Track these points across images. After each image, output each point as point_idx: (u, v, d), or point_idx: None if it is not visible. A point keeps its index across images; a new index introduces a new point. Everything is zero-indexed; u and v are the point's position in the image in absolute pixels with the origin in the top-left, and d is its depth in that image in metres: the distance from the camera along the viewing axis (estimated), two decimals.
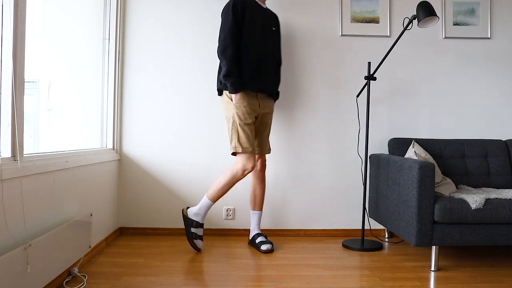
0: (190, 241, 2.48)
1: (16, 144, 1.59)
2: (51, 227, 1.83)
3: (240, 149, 2.41)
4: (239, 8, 2.42)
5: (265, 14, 2.57)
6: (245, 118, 2.43)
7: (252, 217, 2.67)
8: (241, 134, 2.42)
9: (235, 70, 2.39)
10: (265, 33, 2.52)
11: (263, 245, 2.52)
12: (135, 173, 2.90)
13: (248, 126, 2.43)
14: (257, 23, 2.47)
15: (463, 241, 2.21)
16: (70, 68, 2.65)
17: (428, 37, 3.00)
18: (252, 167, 2.42)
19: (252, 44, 2.44)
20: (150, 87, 2.90)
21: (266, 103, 2.57)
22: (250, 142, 2.42)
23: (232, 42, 2.39)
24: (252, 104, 2.46)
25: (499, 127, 3.03)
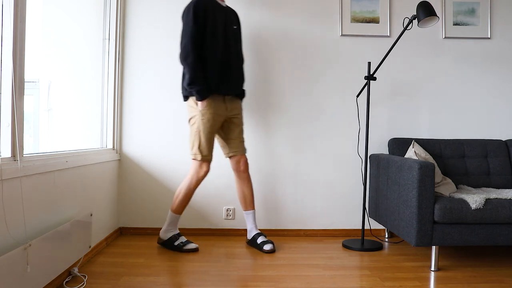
0: (183, 250, 2.49)
1: (16, 144, 1.59)
2: (51, 227, 1.83)
3: (200, 156, 2.43)
4: (201, 11, 2.35)
5: (226, 13, 2.50)
6: (210, 125, 2.41)
7: (247, 217, 2.64)
8: (203, 142, 2.42)
9: (200, 76, 2.34)
10: (227, 33, 2.47)
11: (266, 245, 2.51)
12: (135, 173, 2.90)
13: (211, 133, 2.43)
14: (219, 24, 2.42)
15: (463, 241, 2.21)
16: (70, 68, 2.65)
17: (428, 37, 3.00)
18: (206, 172, 2.46)
19: (216, 46, 2.39)
20: (150, 87, 2.90)
21: (234, 105, 2.54)
22: (210, 150, 2.45)
23: (194, 48, 2.33)
24: (219, 109, 2.44)
25: (499, 127, 3.03)
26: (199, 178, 2.48)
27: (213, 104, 2.41)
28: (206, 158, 2.45)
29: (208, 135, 2.43)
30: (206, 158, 2.45)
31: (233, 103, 2.55)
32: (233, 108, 2.54)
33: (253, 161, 2.93)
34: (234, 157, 2.56)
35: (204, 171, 2.47)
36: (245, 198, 2.61)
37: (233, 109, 2.54)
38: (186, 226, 2.91)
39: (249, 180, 2.61)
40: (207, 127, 2.41)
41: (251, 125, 2.92)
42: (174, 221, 2.55)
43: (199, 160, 2.44)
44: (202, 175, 2.47)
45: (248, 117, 2.91)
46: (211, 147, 2.45)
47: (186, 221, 2.92)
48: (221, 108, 2.46)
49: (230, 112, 2.52)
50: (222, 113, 2.47)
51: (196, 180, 2.48)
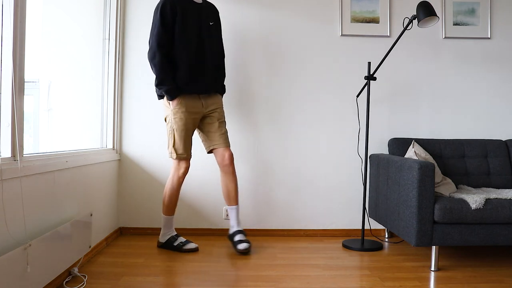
0: (183, 250, 2.50)
1: (16, 144, 1.59)
2: (51, 227, 1.83)
3: (175, 155, 2.43)
4: (168, 10, 2.33)
5: (201, 10, 2.46)
6: (182, 124, 2.39)
7: (230, 213, 2.57)
8: (177, 141, 2.41)
9: (168, 76, 2.34)
10: (201, 30, 2.43)
11: (240, 244, 2.45)
12: (135, 173, 2.90)
13: (185, 132, 2.41)
14: (190, 22, 2.38)
15: (463, 241, 2.21)
16: (70, 68, 2.65)
17: (428, 37, 3.00)
18: (186, 168, 2.46)
19: (186, 45, 2.37)
20: (150, 87, 2.90)
21: (211, 100, 2.51)
22: (185, 148, 2.43)
23: (160, 48, 2.32)
24: (193, 107, 2.42)
25: (499, 127, 3.03)
26: (180, 177, 2.48)
27: (184, 102, 2.39)
28: (181, 156, 2.43)
29: (182, 133, 2.41)
30: (182, 156, 2.43)
31: (211, 99, 2.51)
32: (211, 103, 2.50)
33: (253, 161, 2.93)
34: (217, 150, 2.51)
35: (183, 168, 2.46)
36: (228, 193, 2.54)
37: (210, 104, 2.50)
38: (186, 226, 2.91)
39: (234, 174, 2.54)
40: (179, 125, 2.40)
41: (251, 125, 2.92)
42: (168, 224, 2.56)
43: (175, 158, 2.44)
44: (182, 172, 2.47)
45: (247, 116, 2.91)
46: (186, 145, 2.43)
47: (186, 221, 2.92)
48: (196, 106, 2.44)
49: (207, 108, 2.49)
50: (197, 110, 2.45)
51: (177, 179, 2.48)
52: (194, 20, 2.41)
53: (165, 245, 2.54)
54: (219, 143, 2.50)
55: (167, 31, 2.34)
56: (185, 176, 2.50)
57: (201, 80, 2.44)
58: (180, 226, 2.91)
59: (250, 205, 2.94)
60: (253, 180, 2.93)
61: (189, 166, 2.49)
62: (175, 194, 2.52)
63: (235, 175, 2.55)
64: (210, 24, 2.50)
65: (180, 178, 2.49)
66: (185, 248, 2.49)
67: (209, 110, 2.50)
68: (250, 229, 2.93)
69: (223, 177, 2.55)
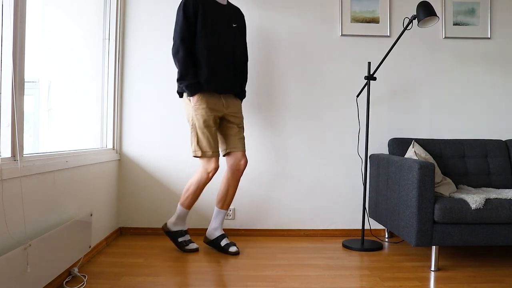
0: (184, 249, 2.50)
1: (16, 144, 1.59)
2: (51, 227, 1.83)
3: (200, 153, 2.38)
4: (191, 8, 2.34)
5: (224, 11, 2.46)
6: (204, 121, 2.36)
7: (218, 215, 2.55)
8: (201, 138, 2.37)
9: (190, 72, 2.34)
10: (223, 31, 2.42)
11: (231, 247, 2.46)
12: (135, 173, 2.90)
13: (208, 128, 2.37)
14: (212, 21, 2.38)
15: (463, 241, 2.21)
16: (70, 68, 2.65)
17: (428, 37, 3.00)
18: (215, 168, 2.40)
19: (207, 43, 2.36)
20: (150, 87, 2.90)
21: (232, 103, 2.48)
22: (210, 145, 2.37)
23: (184, 43, 2.33)
24: (214, 105, 2.39)
25: (499, 127, 3.03)
26: (209, 175, 2.41)
27: (205, 99, 2.37)
28: (207, 154, 2.38)
29: (204, 130, 2.37)
30: (208, 154, 2.38)
31: (232, 101, 2.49)
32: (231, 106, 2.48)
33: (253, 161, 2.93)
34: (233, 153, 2.47)
35: (212, 168, 2.39)
36: (226, 196, 2.52)
37: (231, 106, 2.47)
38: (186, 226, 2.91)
39: (238, 180, 2.53)
40: (201, 122, 2.37)
41: (250, 125, 2.92)
42: (182, 216, 2.51)
43: (200, 156, 2.39)
44: (211, 171, 2.40)
45: (247, 117, 2.91)
46: (211, 142, 2.38)
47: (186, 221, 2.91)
48: (217, 104, 2.41)
49: (228, 109, 2.46)
50: (218, 108, 2.42)
51: (206, 178, 2.41)
52: (216, 19, 2.40)
53: (171, 234, 2.51)
54: (237, 147, 2.48)
55: (190, 27, 2.35)
56: (214, 174, 2.42)
57: (222, 79, 2.41)
58: None
59: (250, 205, 2.94)
60: (253, 180, 2.93)
61: (218, 166, 2.42)
62: (198, 191, 2.46)
63: (238, 182, 2.55)
64: (234, 25, 2.49)
65: (210, 177, 2.42)
66: (186, 248, 2.49)
67: (230, 112, 2.47)
68: (250, 229, 2.93)
69: (229, 179, 2.51)
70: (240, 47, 2.57)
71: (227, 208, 2.56)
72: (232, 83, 2.48)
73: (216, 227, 2.55)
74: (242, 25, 2.59)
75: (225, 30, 2.44)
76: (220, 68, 2.41)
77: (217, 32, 2.40)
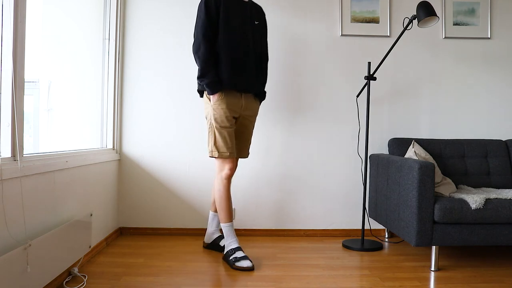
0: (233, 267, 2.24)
1: (16, 144, 1.59)
2: (51, 227, 1.83)
3: (216, 153, 2.30)
4: (213, 4, 2.28)
5: (246, 8, 2.38)
6: (222, 121, 2.28)
7: (214, 219, 2.56)
8: (218, 138, 2.30)
9: (211, 69, 2.26)
10: (244, 28, 2.35)
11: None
12: (135, 173, 2.90)
13: (225, 129, 2.30)
14: (234, 18, 2.31)
15: (463, 241, 2.21)
16: (70, 68, 2.65)
17: (428, 37, 3.00)
18: (231, 169, 2.33)
19: (228, 41, 2.29)
20: (150, 87, 2.90)
21: (250, 104, 2.41)
22: (228, 145, 2.30)
23: (205, 41, 2.25)
24: (233, 105, 2.32)
25: (499, 127, 3.03)
26: (224, 178, 2.33)
27: (226, 99, 2.29)
28: (224, 155, 2.29)
29: (222, 130, 2.29)
30: (225, 155, 2.29)
31: (251, 103, 2.41)
32: (249, 108, 2.40)
33: (253, 161, 2.92)
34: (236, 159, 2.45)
35: (227, 169, 2.32)
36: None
37: (248, 108, 2.39)
38: (186, 226, 2.91)
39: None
40: (219, 122, 2.29)
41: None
42: (228, 232, 2.34)
43: (217, 157, 2.32)
44: (226, 173, 2.32)
45: None
46: (228, 142, 2.30)
47: (186, 221, 2.92)
48: (236, 104, 2.33)
49: (244, 111, 2.38)
50: (236, 109, 2.34)
51: (221, 181, 2.34)
52: (238, 16, 2.33)
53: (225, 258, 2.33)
54: (241, 154, 2.47)
55: (212, 23, 2.28)
56: (231, 177, 2.35)
57: (243, 77, 2.33)
58: (181, 226, 2.91)
59: (250, 205, 2.94)
60: (252, 180, 2.93)
61: (235, 166, 2.35)
62: (225, 198, 2.34)
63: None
64: (256, 23, 2.42)
65: (225, 180, 2.33)
66: (237, 265, 2.23)
67: (245, 114, 2.40)
68: (250, 229, 2.93)
69: None
70: (262, 45, 2.49)
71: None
72: (253, 82, 2.40)
73: (213, 231, 2.54)
74: (263, 23, 2.51)
75: (247, 28, 2.36)
76: (242, 66, 2.32)
77: (239, 29, 2.32)
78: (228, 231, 2.35)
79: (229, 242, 2.34)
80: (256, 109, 2.48)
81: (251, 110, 2.43)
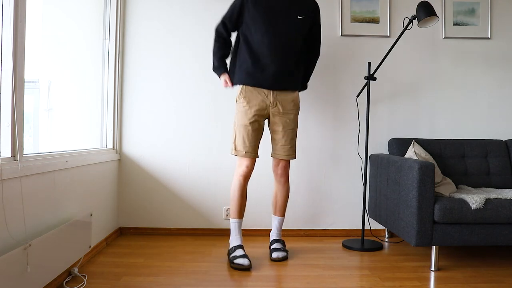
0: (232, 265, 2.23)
1: (16, 144, 1.59)
2: (51, 227, 1.83)
3: (234, 151, 2.33)
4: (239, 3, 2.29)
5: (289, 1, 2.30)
6: (241, 119, 2.29)
7: (273, 221, 2.54)
8: (237, 136, 2.31)
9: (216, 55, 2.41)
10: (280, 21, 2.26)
11: (274, 252, 2.37)
12: (135, 173, 2.90)
13: (244, 127, 2.29)
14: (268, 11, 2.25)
15: (463, 241, 2.21)
16: (70, 68, 2.65)
17: (428, 37, 3.00)
18: (246, 169, 2.31)
19: (256, 34, 2.25)
20: (150, 87, 2.90)
21: (284, 99, 2.33)
22: (245, 144, 2.29)
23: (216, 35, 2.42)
24: (259, 103, 2.28)
25: (499, 127, 3.03)
26: (240, 175, 2.33)
27: (248, 96, 2.28)
28: (240, 153, 2.30)
29: (241, 128, 2.29)
30: (241, 153, 2.29)
31: (284, 98, 2.33)
32: (283, 103, 2.33)
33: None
34: (274, 158, 2.43)
35: (243, 167, 2.31)
36: (276, 202, 2.50)
37: (278, 105, 2.32)
38: (186, 226, 2.91)
39: (284, 186, 2.45)
40: (238, 119, 2.30)
41: None
42: (234, 228, 2.38)
43: (234, 154, 2.33)
44: (241, 172, 2.32)
45: None
46: (246, 141, 2.28)
47: (186, 221, 2.92)
48: (262, 102, 2.30)
49: (274, 107, 2.32)
50: (263, 107, 2.30)
51: (237, 178, 2.34)
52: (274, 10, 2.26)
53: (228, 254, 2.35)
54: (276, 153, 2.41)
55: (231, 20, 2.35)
56: (249, 176, 2.35)
57: (266, 73, 2.28)
58: (180, 226, 2.91)
59: (250, 205, 2.93)
60: (252, 180, 2.93)
61: (252, 166, 2.33)
62: (238, 195, 2.35)
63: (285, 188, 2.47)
64: (299, 17, 2.30)
65: (241, 177, 2.33)
66: (235, 263, 2.21)
67: (275, 111, 2.33)
68: (250, 229, 2.93)
69: (275, 185, 2.50)
70: (306, 40, 2.40)
71: (279, 215, 2.50)
72: (281, 79, 2.30)
73: (271, 233, 2.54)
74: (311, 18, 2.36)
75: (283, 21, 2.27)
76: (267, 61, 2.26)
77: (272, 23, 2.25)
78: (234, 227, 2.38)
79: (232, 238, 2.37)
80: (292, 104, 2.36)
81: (283, 107, 2.34)
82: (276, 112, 2.34)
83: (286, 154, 2.39)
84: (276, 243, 2.46)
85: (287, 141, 2.37)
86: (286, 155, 2.39)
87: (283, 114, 2.35)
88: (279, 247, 2.43)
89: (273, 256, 2.37)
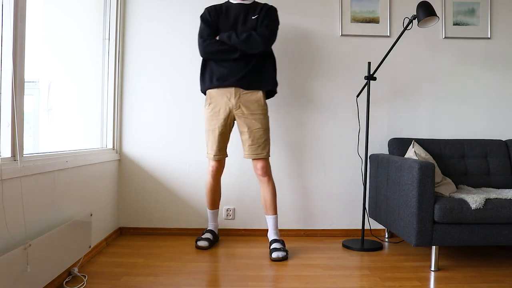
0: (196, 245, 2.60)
1: (16, 144, 1.59)
2: (51, 227, 1.83)
3: (207, 154, 2.54)
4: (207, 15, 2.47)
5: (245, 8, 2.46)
6: (208, 124, 2.48)
7: (267, 221, 2.56)
8: (207, 140, 2.51)
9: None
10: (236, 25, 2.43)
11: (274, 252, 2.37)
12: (135, 173, 2.90)
13: (212, 132, 2.46)
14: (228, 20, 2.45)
15: (463, 241, 2.21)
16: (70, 68, 2.65)
17: (428, 37, 3.00)
18: (212, 169, 2.53)
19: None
20: (150, 87, 2.90)
21: (248, 101, 2.42)
22: (212, 147, 2.48)
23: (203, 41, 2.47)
24: (222, 106, 2.43)
25: (499, 127, 3.03)
26: (208, 174, 2.57)
27: (210, 100, 2.47)
28: (209, 156, 2.52)
29: (209, 132, 2.48)
30: (209, 156, 2.51)
31: (248, 99, 2.42)
32: (246, 104, 2.41)
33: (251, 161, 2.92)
34: (252, 160, 2.50)
35: (210, 167, 2.55)
36: (265, 202, 2.53)
37: (244, 106, 2.41)
38: (186, 226, 2.92)
39: (268, 184, 2.50)
40: (206, 123, 2.50)
41: None
42: (210, 216, 2.72)
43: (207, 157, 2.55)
44: (209, 171, 2.56)
45: None
46: (214, 145, 2.47)
47: (186, 221, 2.92)
48: (226, 104, 2.43)
49: (237, 109, 2.42)
50: (225, 109, 2.43)
51: (209, 178, 2.58)
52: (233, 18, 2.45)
53: None
54: (248, 153, 2.47)
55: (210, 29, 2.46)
56: (217, 173, 2.56)
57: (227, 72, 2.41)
58: (180, 226, 2.91)
59: (250, 205, 2.94)
60: (252, 179, 2.93)
61: (218, 165, 2.53)
62: (209, 190, 2.61)
63: (270, 185, 2.51)
64: (252, 18, 2.45)
65: (209, 175, 2.57)
66: (197, 244, 2.59)
67: (239, 113, 2.43)
68: (250, 229, 2.93)
69: (260, 185, 2.56)
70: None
71: (271, 213, 2.53)
72: (241, 76, 2.39)
73: (268, 234, 2.57)
74: (263, 15, 2.46)
75: (239, 24, 2.44)
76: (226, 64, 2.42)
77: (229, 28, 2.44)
78: (210, 216, 2.72)
79: (210, 224, 2.73)
80: (255, 105, 2.43)
81: (246, 107, 2.43)
82: (240, 114, 2.44)
83: (254, 153, 2.45)
84: (276, 243, 2.46)
85: (254, 141, 2.44)
86: (255, 154, 2.45)
87: (248, 115, 2.43)
88: (279, 247, 2.43)
89: (273, 256, 2.37)
